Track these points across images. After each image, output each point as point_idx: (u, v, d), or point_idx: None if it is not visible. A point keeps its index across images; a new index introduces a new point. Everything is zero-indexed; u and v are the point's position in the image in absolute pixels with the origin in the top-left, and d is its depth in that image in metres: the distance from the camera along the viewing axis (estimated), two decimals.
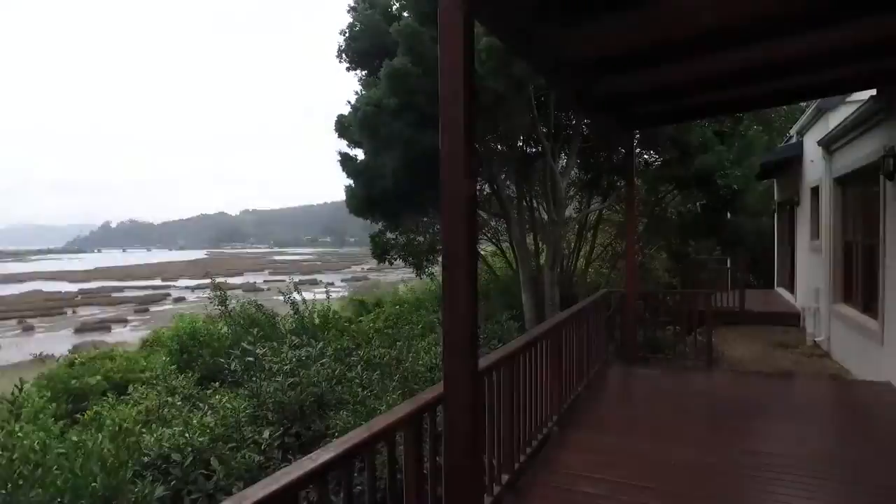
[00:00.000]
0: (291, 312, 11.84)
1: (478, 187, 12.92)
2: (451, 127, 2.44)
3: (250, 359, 5.88)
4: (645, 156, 11.46)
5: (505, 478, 3.59)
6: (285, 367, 5.53)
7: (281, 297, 12.55)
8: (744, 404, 5.31)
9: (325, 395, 5.38)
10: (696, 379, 6.42)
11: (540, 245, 11.99)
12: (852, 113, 7.27)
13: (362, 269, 78.31)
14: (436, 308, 12.08)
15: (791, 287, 12.72)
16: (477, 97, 7.56)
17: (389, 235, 12.40)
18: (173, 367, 9.01)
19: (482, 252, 14.46)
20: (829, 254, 8.73)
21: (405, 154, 7.80)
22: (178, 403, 6.13)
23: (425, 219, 13.03)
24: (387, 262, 12.62)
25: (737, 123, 10.72)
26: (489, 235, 13.39)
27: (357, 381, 5.88)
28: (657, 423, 4.86)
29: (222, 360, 7.06)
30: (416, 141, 7.66)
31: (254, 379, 5.56)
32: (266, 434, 4.71)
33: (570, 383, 5.30)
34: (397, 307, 15.45)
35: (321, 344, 6.57)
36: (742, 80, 5.38)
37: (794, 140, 11.70)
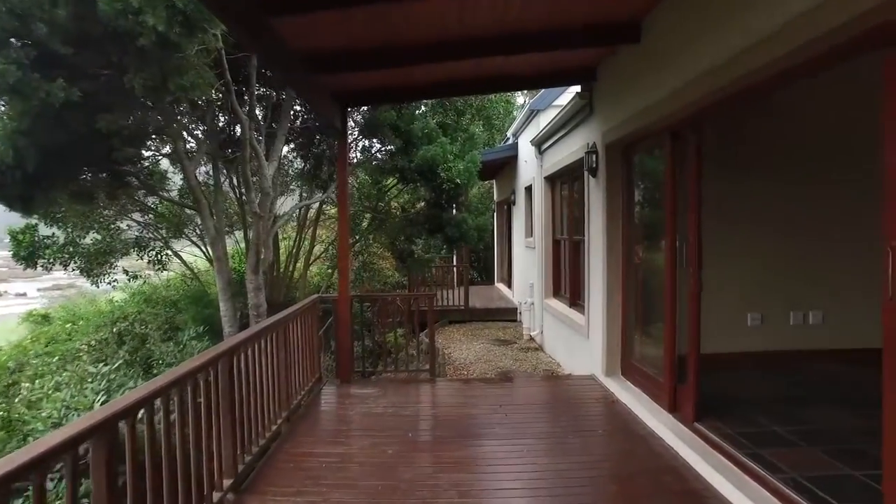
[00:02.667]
0: None
1: (173, 171, 10.32)
2: None
3: None
4: (373, 149, 10.66)
5: None
6: None
7: None
8: (466, 423, 4.67)
9: None
10: (419, 394, 5.64)
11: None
12: (559, 112, 7.44)
13: (69, 275, 63.21)
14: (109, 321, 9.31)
15: (509, 283, 13.46)
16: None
17: (44, 232, 9.02)
18: None
19: (185, 255, 11.80)
20: (540, 250, 9.04)
21: (25, 109, 5.26)
22: None
23: (107, 211, 9.96)
24: (40, 268, 9.21)
25: (460, 117, 10.64)
26: (196, 235, 10.85)
27: None
28: (372, 465, 3.81)
29: None
30: (38, 90, 5.17)
31: None
32: None
33: (255, 427, 3.88)
34: (69, 324, 12.01)
35: None
36: (454, 53, 4.68)
37: (510, 141, 12.29)
